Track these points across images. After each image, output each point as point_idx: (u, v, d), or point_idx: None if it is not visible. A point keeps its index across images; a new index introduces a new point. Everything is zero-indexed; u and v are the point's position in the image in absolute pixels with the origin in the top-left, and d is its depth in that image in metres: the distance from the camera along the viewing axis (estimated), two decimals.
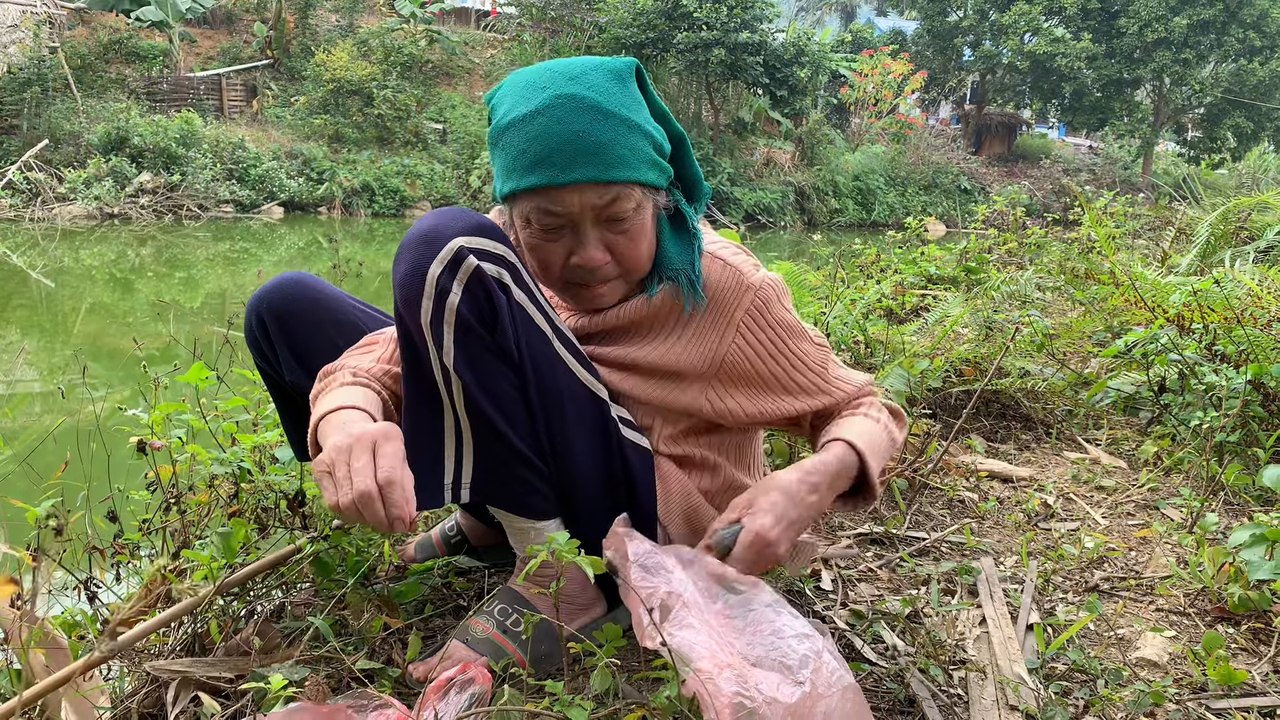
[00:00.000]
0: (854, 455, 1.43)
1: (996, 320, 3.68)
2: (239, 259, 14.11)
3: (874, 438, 1.47)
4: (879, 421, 1.51)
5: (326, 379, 1.40)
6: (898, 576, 1.98)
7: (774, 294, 1.45)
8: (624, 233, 1.32)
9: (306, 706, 1.22)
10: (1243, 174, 26.30)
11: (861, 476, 1.45)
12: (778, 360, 1.46)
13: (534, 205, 1.28)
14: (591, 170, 1.24)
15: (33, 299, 10.20)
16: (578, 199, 1.26)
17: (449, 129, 22.71)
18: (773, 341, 1.45)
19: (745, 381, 1.46)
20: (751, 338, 1.44)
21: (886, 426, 1.53)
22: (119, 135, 17.95)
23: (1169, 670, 1.61)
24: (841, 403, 1.54)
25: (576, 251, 1.31)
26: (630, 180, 1.27)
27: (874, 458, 1.44)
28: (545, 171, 1.24)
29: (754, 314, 1.43)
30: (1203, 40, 27.29)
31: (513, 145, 1.27)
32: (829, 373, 1.53)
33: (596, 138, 1.24)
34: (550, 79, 1.27)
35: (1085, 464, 2.75)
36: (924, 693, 1.48)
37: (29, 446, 2.13)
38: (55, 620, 1.61)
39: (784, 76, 24.01)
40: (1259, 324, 3.05)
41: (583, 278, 1.35)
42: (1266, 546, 1.79)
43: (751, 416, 1.49)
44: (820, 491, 1.39)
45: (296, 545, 1.72)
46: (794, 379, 1.48)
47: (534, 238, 1.32)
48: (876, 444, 1.47)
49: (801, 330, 1.49)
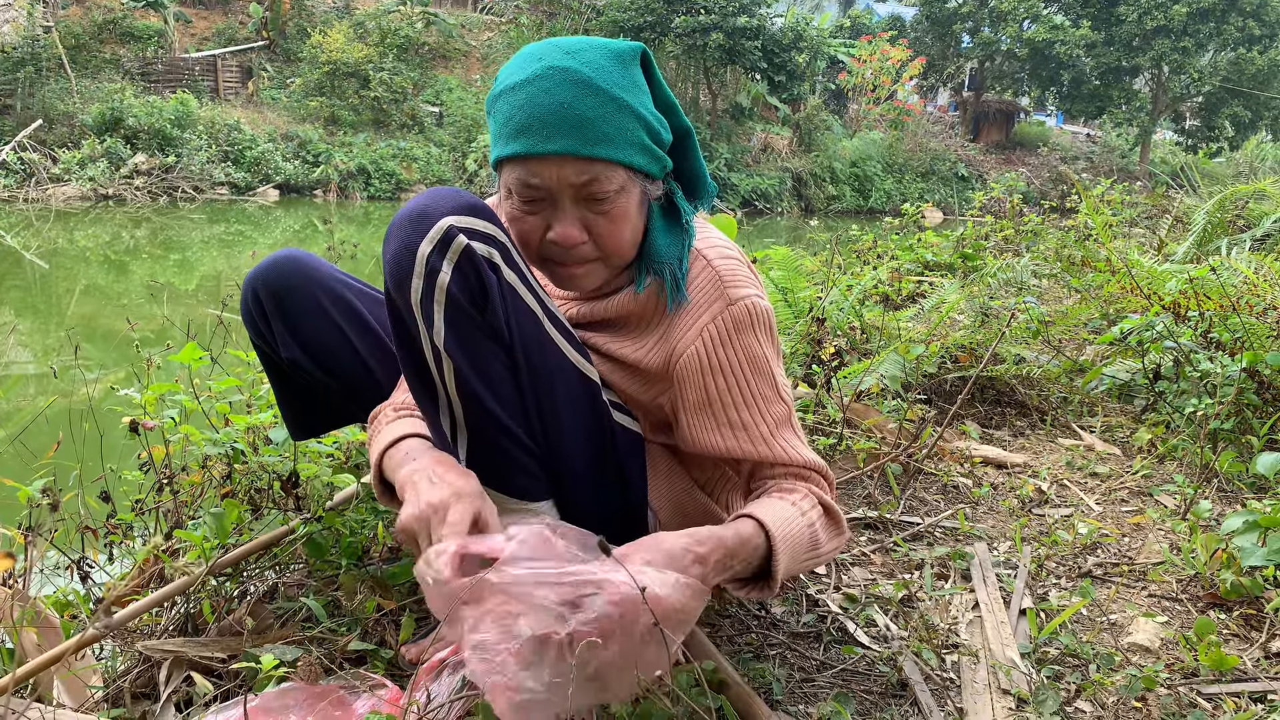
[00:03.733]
0: (762, 538, 1.25)
1: (992, 307, 3.68)
2: (234, 241, 14.06)
3: (792, 529, 1.29)
4: (804, 514, 1.32)
5: (374, 422, 1.45)
6: (891, 561, 1.98)
7: (750, 318, 1.35)
8: (604, 214, 1.29)
9: (299, 687, 1.22)
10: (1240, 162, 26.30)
11: (765, 566, 1.27)
12: (729, 384, 1.35)
13: (515, 175, 1.27)
14: (572, 143, 1.22)
15: (26, 280, 10.16)
16: (556, 172, 1.24)
17: (445, 112, 22.61)
18: (730, 364, 1.35)
19: (693, 395, 1.36)
20: (709, 349, 1.34)
21: (813, 525, 1.33)
22: (114, 116, 17.85)
23: (1161, 655, 1.61)
24: (778, 468, 1.37)
25: (554, 226, 1.30)
26: (613, 159, 1.25)
27: (785, 550, 1.26)
28: (526, 140, 1.23)
29: (721, 326, 1.34)
30: (1202, 28, 27.20)
31: (501, 113, 1.27)
32: (778, 429, 1.37)
33: (581, 112, 1.22)
34: (547, 51, 1.27)
35: (1079, 450, 2.75)
36: (916, 676, 1.48)
37: (21, 426, 2.12)
38: (48, 600, 1.61)
39: (782, 62, 23.92)
40: (1254, 312, 3.05)
41: (559, 255, 1.33)
42: (1259, 533, 1.80)
43: (691, 441, 1.38)
44: (707, 566, 1.18)
45: (290, 526, 1.72)
46: (739, 413, 1.35)
47: (515, 209, 1.31)
48: (793, 538, 1.28)
49: (769, 374, 1.37)
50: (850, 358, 3.26)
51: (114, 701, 1.36)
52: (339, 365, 1.57)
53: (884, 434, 2.69)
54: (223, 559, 1.58)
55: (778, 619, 1.68)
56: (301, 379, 1.61)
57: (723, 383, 1.35)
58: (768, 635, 1.62)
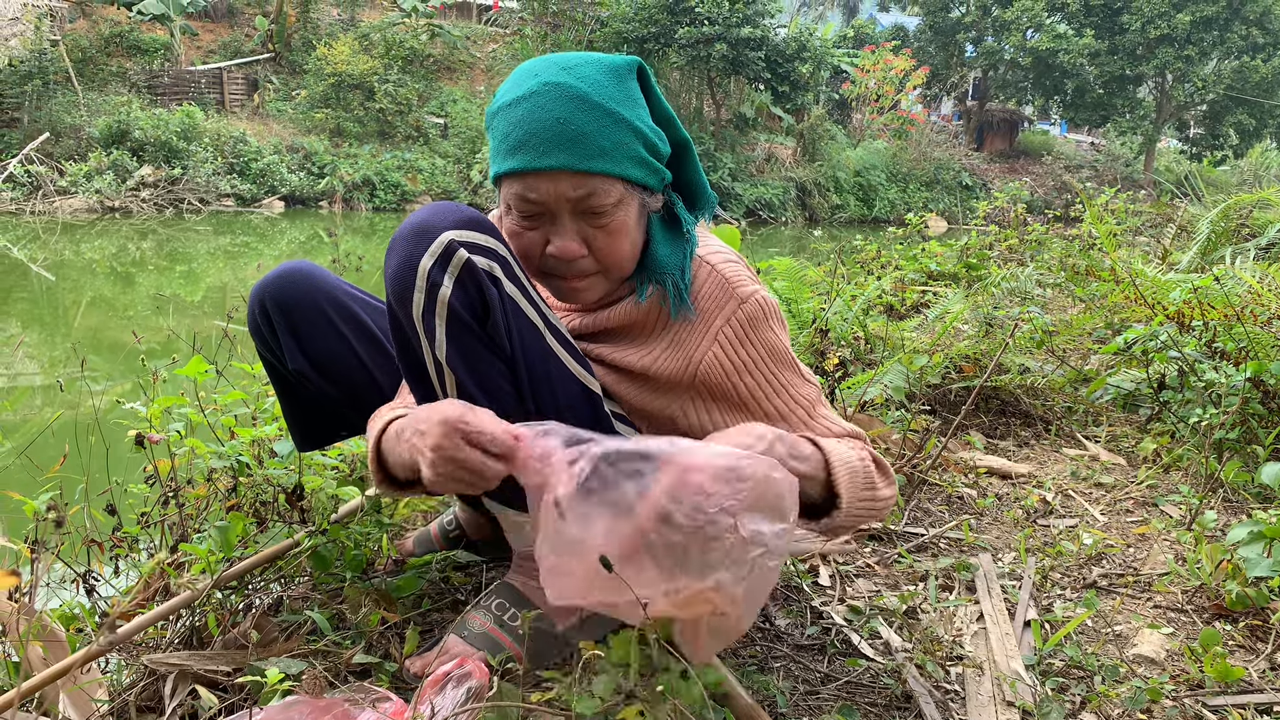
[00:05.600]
0: (818, 454, 1.27)
1: (997, 317, 3.68)
2: (239, 253, 14.10)
3: (848, 456, 1.31)
4: (856, 452, 1.34)
5: (373, 421, 1.44)
6: (895, 572, 1.98)
7: (763, 312, 1.38)
8: (602, 227, 1.30)
9: (303, 700, 1.22)
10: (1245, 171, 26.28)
11: (829, 492, 1.28)
12: (757, 380, 1.37)
13: (514, 191, 1.28)
14: (568, 158, 1.24)
15: (33, 292, 10.20)
16: (553, 186, 1.25)
17: (450, 123, 22.69)
18: (754, 360, 1.37)
19: (723, 397, 1.38)
20: (730, 351, 1.36)
21: (866, 463, 1.34)
22: (120, 129, 17.96)
23: (1166, 667, 1.61)
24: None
25: (552, 241, 1.31)
26: (609, 173, 1.26)
27: (844, 472, 1.27)
28: (523, 156, 1.25)
29: (736, 326, 1.37)
30: (1205, 37, 27.23)
31: (499, 129, 1.29)
32: (814, 409, 1.41)
33: (578, 127, 1.23)
34: (544, 67, 1.28)
35: (1084, 461, 2.75)
36: (921, 688, 1.48)
37: (28, 439, 2.13)
38: (53, 613, 1.61)
39: (786, 72, 23.99)
40: (1259, 321, 3.04)
41: (560, 269, 1.34)
42: (1265, 544, 1.79)
43: None
44: (768, 443, 1.17)
45: (294, 539, 1.72)
46: (774, 404, 1.38)
47: (515, 224, 1.32)
48: (850, 464, 1.30)
49: (791, 361, 1.41)
50: (854, 368, 3.26)
51: (119, 715, 1.36)
52: (345, 376, 1.58)
53: (888, 445, 2.69)
54: (228, 572, 1.58)
55: (782, 631, 1.68)
56: (307, 390, 1.62)
57: (750, 380, 1.38)
58: (772, 648, 1.62)
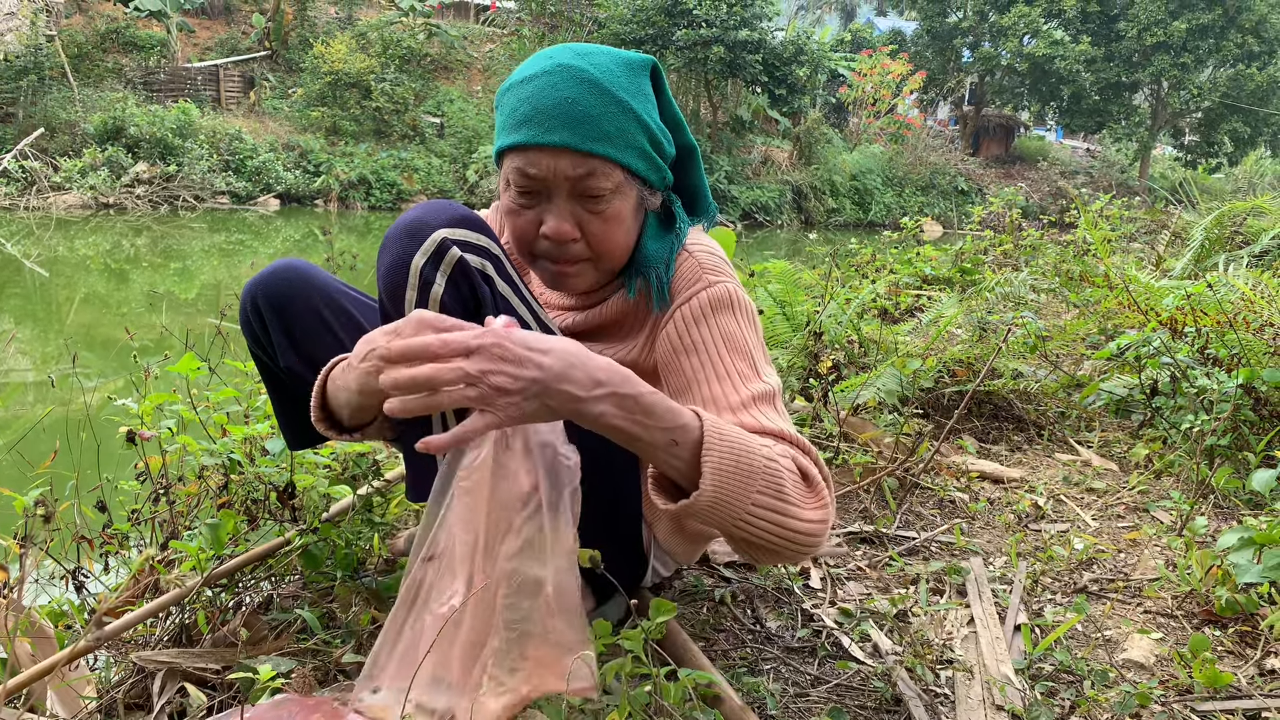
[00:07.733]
0: (697, 427, 1.13)
1: (990, 321, 3.68)
2: (234, 250, 14.08)
3: (740, 444, 1.13)
4: (764, 449, 1.16)
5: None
6: (886, 575, 1.98)
7: (730, 301, 1.34)
8: (598, 213, 1.31)
9: (293, 698, 1.22)
10: (1239, 178, 26.36)
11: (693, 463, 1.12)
12: (702, 361, 1.30)
13: (514, 165, 1.29)
14: (572, 136, 1.25)
15: (26, 288, 10.16)
16: (553, 163, 1.26)
17: (446, 123, 22.68)
18: (704, 341, 1.31)
19: (673, 377, 1.33)
20: (683, 328, 1.33)
21: (773, 463, 1.15)
22: (115, 125, 17.91)
23: (1155, 672, 1.61)
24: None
25: (546, 220, 1.31)
26: (610, 157, 1.27)
27: (725, 455, 1.11)
28: (528, 130, 1.26)
29: (695, 307, 1.34)
30: (1201, 44, 27.32)
31: (507, 105, 1.30)
32: (754, 403, 1.27)
33: (584, 108, 1.25)
34: (560, 52, 1.31)
35: (1076, 466, 2.76)
36: (910, 692, 1.48)
37: (19, 435, 2.12)
38: (42, 609, 1.61)
39: (783, 75, 24.01)
40: (1251, 328, 3.05)
41: (552, 253, 1.34)
42: (1255, 550, 1.80)
43: None
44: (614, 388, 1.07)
45: (285, 537, 1.71)
46: (709, 388, 1.28)
47: (512, 201, 1.33)
48: (739, 453, 1.12)
49: (747, 353, 1.32)
50: (848, 371, 3.26)
51: (107, 712, 1.36)
52: None
53: (881, 448, 2.70)
54: (218, 570, 1.58)
55: (772, 633, 1.68)
56: (299, 388, 1.61)
57: (697, 361, 1.31)
58: (762, 650, 1.62)
